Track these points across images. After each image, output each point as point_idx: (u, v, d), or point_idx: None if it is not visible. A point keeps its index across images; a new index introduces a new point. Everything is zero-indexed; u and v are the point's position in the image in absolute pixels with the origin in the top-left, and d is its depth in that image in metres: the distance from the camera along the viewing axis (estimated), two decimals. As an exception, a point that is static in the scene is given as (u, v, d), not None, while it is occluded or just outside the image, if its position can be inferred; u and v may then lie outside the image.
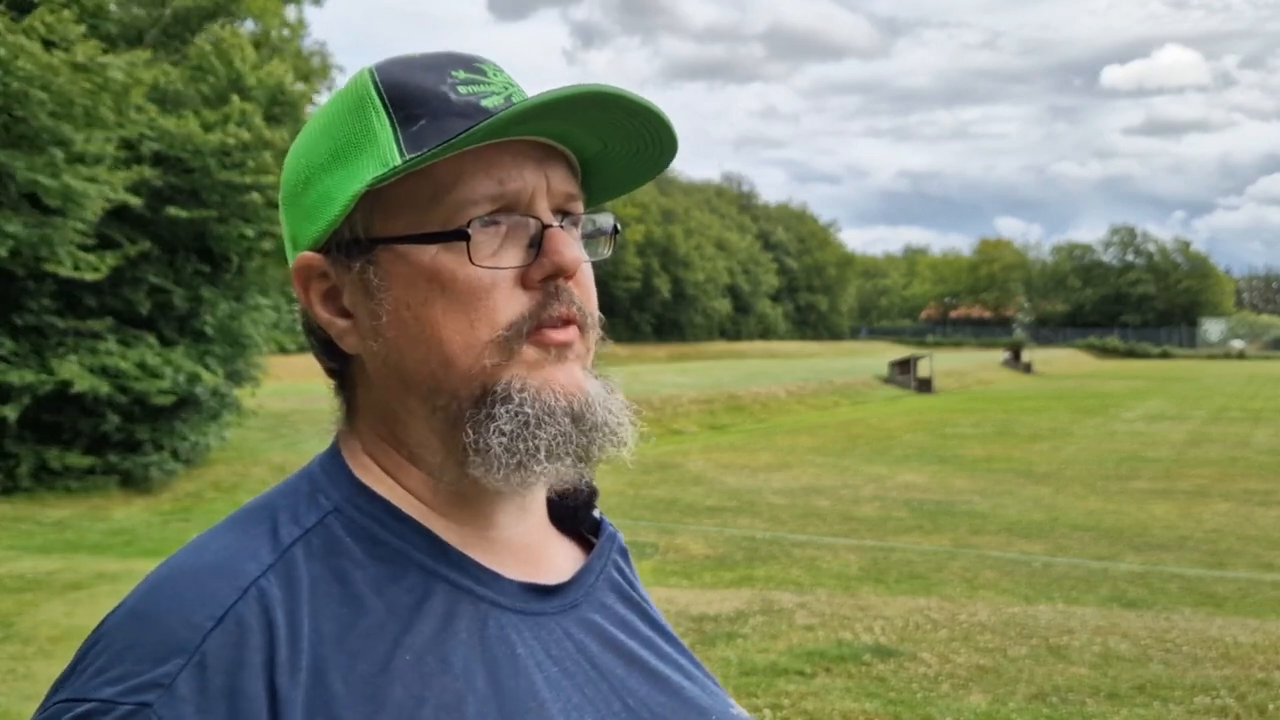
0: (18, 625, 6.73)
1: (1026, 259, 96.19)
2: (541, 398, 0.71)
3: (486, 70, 0.76)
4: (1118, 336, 76.27)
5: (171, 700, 0.61)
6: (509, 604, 0.73)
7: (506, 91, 0.75)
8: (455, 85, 0.73)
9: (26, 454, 13.18)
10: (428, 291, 0.71)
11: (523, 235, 0.73)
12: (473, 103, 0.72)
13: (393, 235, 0.72)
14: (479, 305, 0.71)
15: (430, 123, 0.71)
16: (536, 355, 0.72)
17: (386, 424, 0.76)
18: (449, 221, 0.71)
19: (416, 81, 0.73)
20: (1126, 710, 4.95)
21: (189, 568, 0.68)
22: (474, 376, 0.71)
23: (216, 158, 13.77)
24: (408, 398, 0.74)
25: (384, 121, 0.72)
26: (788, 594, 7.79)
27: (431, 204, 0.71)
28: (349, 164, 0.73)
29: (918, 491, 14.48)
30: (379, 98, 0.73)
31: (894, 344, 67.96)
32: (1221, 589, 8.72)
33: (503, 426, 0.70)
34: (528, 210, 0.73)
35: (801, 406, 28.55)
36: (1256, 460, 17.32)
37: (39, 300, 13.11)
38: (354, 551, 0.71)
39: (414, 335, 0.72)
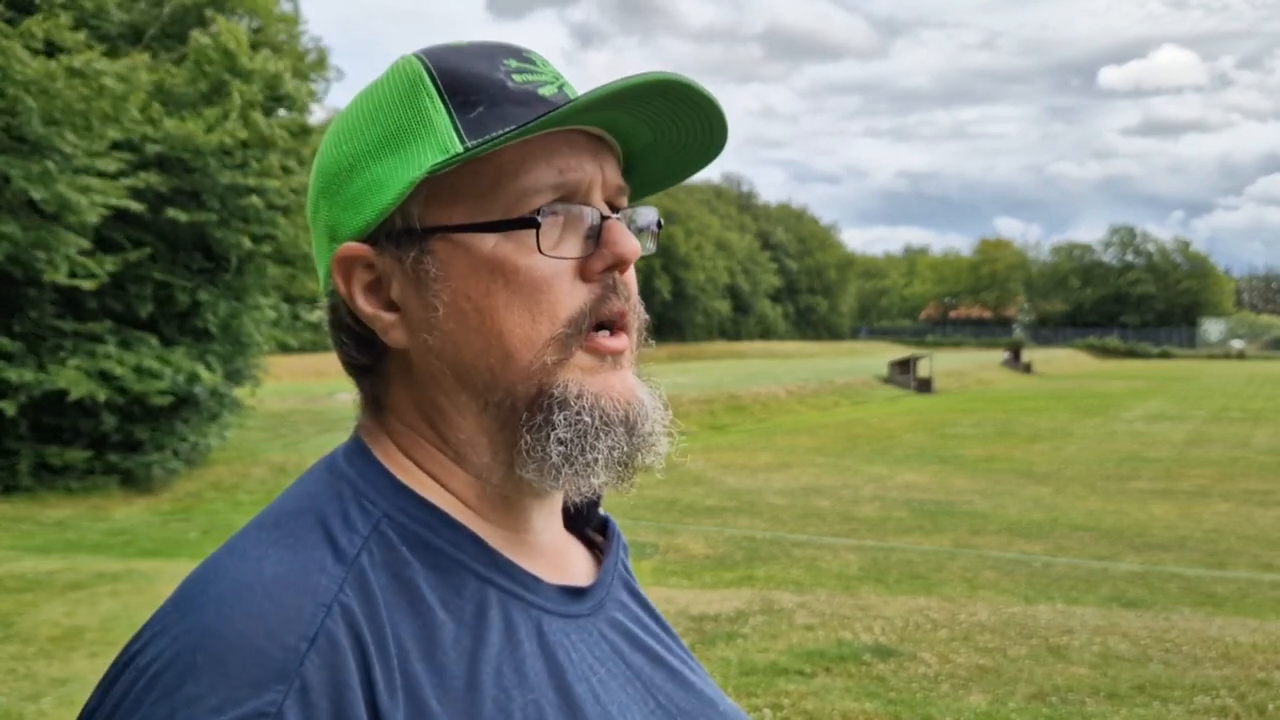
0: (18, 625, 6.73)
1: (1026, 259, 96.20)
2: (600, 405, 0.71)
3: (535, 60, 0.75)
4: (1118, 336, 76.27)
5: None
6: (554, 609, 0.73)
7: (558, 81, 0.74)
8: (510, 73, 0.72)
9: (27, 452, 13.18)
10: (490, 282, 0.70)
11: (581, 226, 0.72)
12: (530, 91, 0.72)
13: (451, 224, 0.70)
14: (541, 297, 0.70)
15: (489, 109, 0.70)
16: (591, 362, 0.71)
17: (431, 422, 0.74)
18: (511, 209, 0.69)
19: (470, 68, 0.72)
20: (1126, 710, 4.95)
21: (256, 582, 0.63)
22: (533, 374, 0.70)
23: (217, 158, 13.75)
24: (460, 393, 0.72)
25: (439, 108, 0.71)
26: (788, 594, 7.79)
27: (493, 192, 0.70)
28: (402, 151, 0.71)
29: (918, 491, 14.48)
30: (433, 83, 0.71)
31: (894, 344, 67.96)
32: (1221, 589, 8.72)
33: (561, 434, 0.69)
34: (585, 200, 0.72)
35: (801, 406, 28.55)
36: (1256, 460, 17.32)
37: (39, 303, 13.11)
38: (412, 560, 0.68)
39: (474, 327, 0.70)
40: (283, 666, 0.59)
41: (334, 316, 0.76)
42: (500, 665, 0.67)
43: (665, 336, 61.01)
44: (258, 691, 0.58)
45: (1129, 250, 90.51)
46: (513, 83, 0.71)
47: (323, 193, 0.75)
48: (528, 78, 0.72)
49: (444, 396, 0.73)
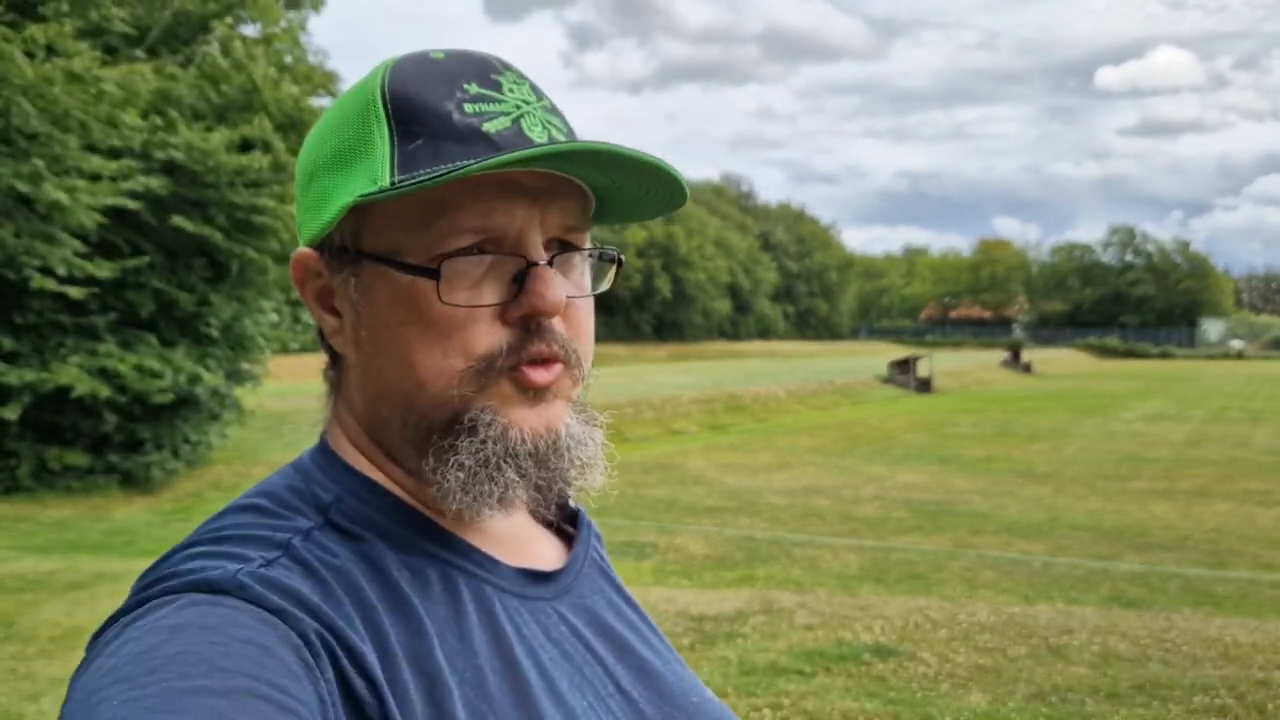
0: (18, 625, 6.73)
1: (1026, 259, 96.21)
2: (507, 437, 0.71)
3: (503, 83, 0.73)
4: (1117, 337, 76.31)
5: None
6: (509, 588, 0.75)
7: (517, 112, 0.72)
8: (462, 102, 0.71)
9: (27, 454, 13.19)
10: (405, 313, 0.71)
11: (506, 271, 0.71)
12: (474, 126, 0.70)
13: (376, 252, 0.72)
14: (454, 335, 0.70)
15: (427, 144, 0.70)
16: (512, 391, 0.72)
17: (370, 422, 0.76)
18: (429, 249, 0.70)
19: (422, 94, 0.71)
20: (1126, 710, 4.95)
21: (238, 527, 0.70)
22: (446, 402, 0.71)
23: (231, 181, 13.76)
24: (382, 407, 0.75)
25: (384, 134, 0.71)
26: (788, 594, 7.79)
27: (416, 228, 0.70)
28: (347, 169, 0.72)
29: (918, 491, 14.48)
30: (383, 106, 0.71)
31: (894, 344, 67.96)
32: (1221, 589, 8.73)
33: (463, 460, 0.71)
34: (515, 246, 0.71)
35: (801, 406, 28.55)
36: (1256, 460, 17.33)
37: (39, 301, 13.11)
38: (366, 536, 0.72)
39: (389, 353, 0.72)
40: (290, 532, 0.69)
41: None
42: (444, 631, 0.69)
43: (665, 336, 61.02)
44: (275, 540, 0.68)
45: (1129, 250, 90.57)
46: (460, 114, 0.70)
47: (299, 189, 0.78)
48: (480, 108, 0.71)
49: (376, 404, 0.75)
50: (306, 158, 0.77)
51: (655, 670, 0.81)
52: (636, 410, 22.89)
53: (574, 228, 0.75)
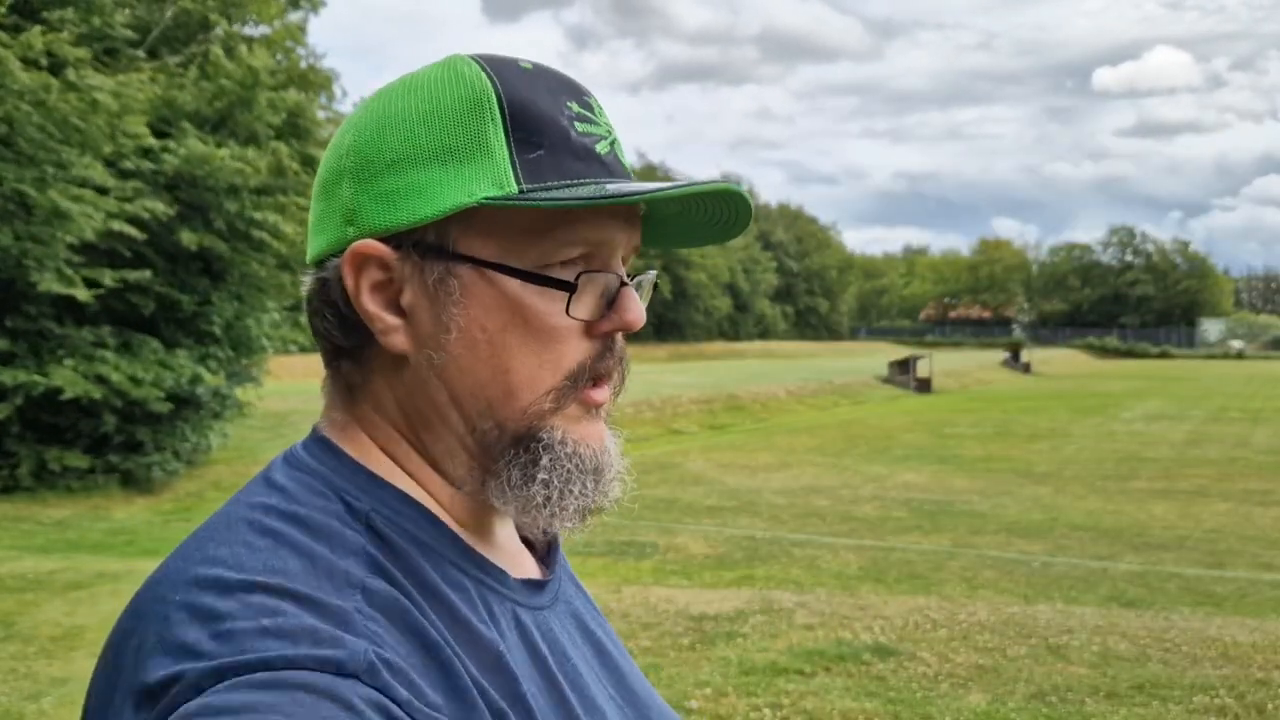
0: (19, 625, 6.73)
1: (1026, 259, 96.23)
2: (580, 453, 0.73)
3: (594, 108, 0.75)
4: (1117, 336, 76.33)
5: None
6: (524, 601, 0.76)
7: (610, 136, 0.75)
8: (573, 120, 0.72)
9: (26, 455, 13.18)
10: (508, 320, 0.71)
11: (600, 288, 0.73)
12: (589, 146, 0.72)
13: (484, 258, 0.70)
14: (552, 348, 0.71)
15: (548, 155, 0.70)
16: (578, 410, 0.73)
17: (411, 425, 0.74)
18: (542, 259, 0.70)
19: (537, 104, 0.71)
20: (1125, 710, 4.96)
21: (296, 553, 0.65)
22: (528, 415, 0.71)
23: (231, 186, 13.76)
24: (451, 411, 0.73)
25: (500, 139, 0.70)
26: (787, 593, 7.80)
27: (525, 237, 0.70)
28: (454, 168, 0.70)
29: (917, 491, 14.49)
30: (500, 110, 0.70)
31: (893, 344, 67.97)
32: (1220, 589, 8.73)
33: (544, 476, 0.72)
34: (608, 265, 0.74)
35: (801, 406, 28.56)
36: (1256, 460, 17.33)
37: (37, 306, 13.11)
38: (410, 554, 0.70)
39: (482, 357, 0.71)
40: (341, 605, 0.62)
41: (322, 291, 0.74)
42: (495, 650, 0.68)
43: (665, 336, 61.00)
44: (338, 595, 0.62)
45: (1128, 250, 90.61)
46: (575, 132, 0.71)
47: (352, 173, 0.73)
48: (588, 129, 0.72)
49: (432, 408, 0.73)
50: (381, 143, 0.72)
51: (626, 673, 0.83)
52: (636, 410, 22.90)
53: (638, 248, 0.78)
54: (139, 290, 13.81)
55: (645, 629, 6.39)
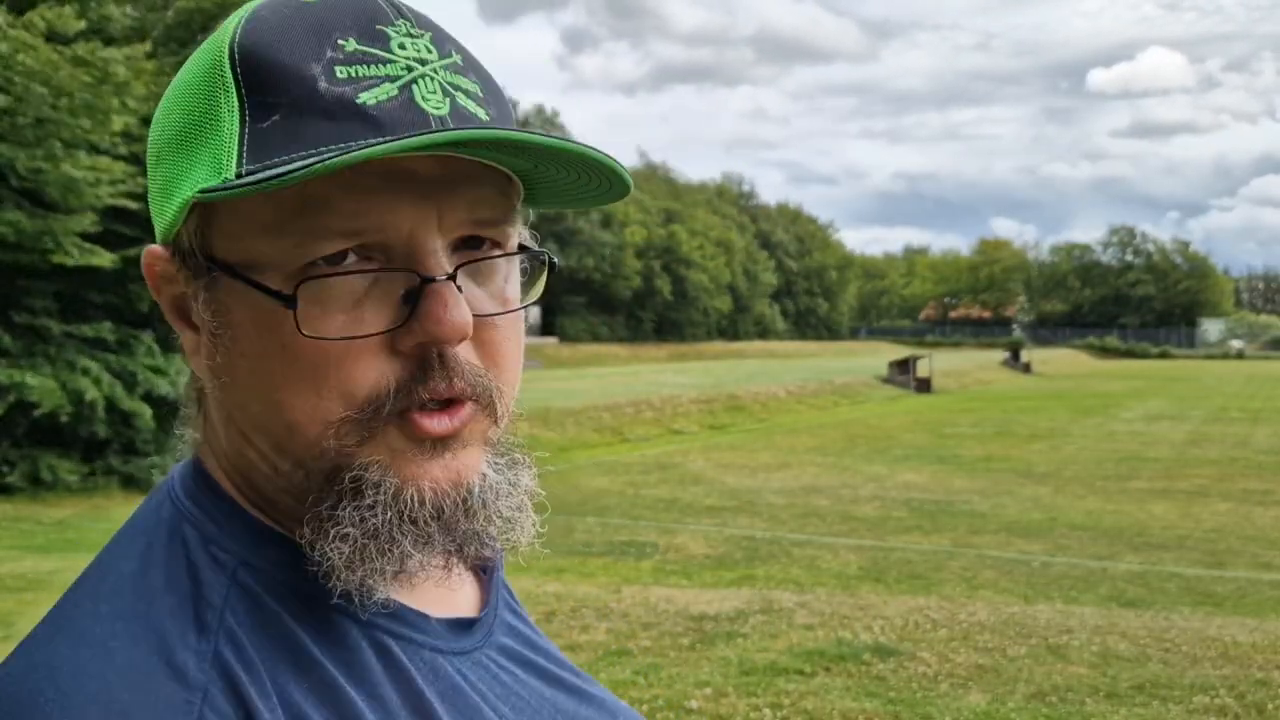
0: (19, 625, 6.73)
1: (1026, 259, 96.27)
2: (401, 498, 0.56)
3: (392, 37, 0.57)
4: (1117, 336, 76.35)
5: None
6: (445, 647, 0.63)
7: (408, 75, 0.56)
8: (334, 63, 0.55)
9: (23, 461, 13.16)
10: (267, 345, 0.56)
11: (394, 287, 0.56)
12: (346, 97, 0.54)
13: (228, 262, 0.56)
14: (327, 375, 0.55)
15: (285, 120, 0.54)
16: (404, 442, 0.57)
17: (235, 464, 0.61)
18: (292, 259, 0.54)
19: (280, 54, 0.55)
20: (1125, 709, 4.96)
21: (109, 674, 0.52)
22: (324, 452, 0.56)
23: None
24: (247, 449, 0.60)
25: (232, 107, 0.55)
26: (787, 593, 7.80)
27: (274, 232, 0.55)
28: (191, 152, 0.57)
29: (917, 491, 14.49)
30: (231, 70, 0.55)
31: (893, 344, 67.98)
32: (1220, 588, 8.73)
33: (346, 530, 0.56)
34: (404, 256, 0.56)
35: (801, 406, 28.56)
36: (1256, 460, 17.33)
37: (39, 300, 13.15)
38: (281, 612, 0.58)
39: (251, 389, 0.57)
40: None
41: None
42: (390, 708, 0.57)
43: (665, 336, 61.01)
44: None
45: (1128, 251, 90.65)
46: (329, 80, 0.54)
47: (148, 168, 0.63)
48: (356, 71, 0.55)
49: (244, 445, 0.60)
50: (153, 133, 0.61)
51: (586, 694, 0.72)
52: (636, 410, 22.90)
53: (490, 221, 0.59)
54: (138, 280, 13.84)
55: (645, 629, 6.39)
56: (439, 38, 0.59)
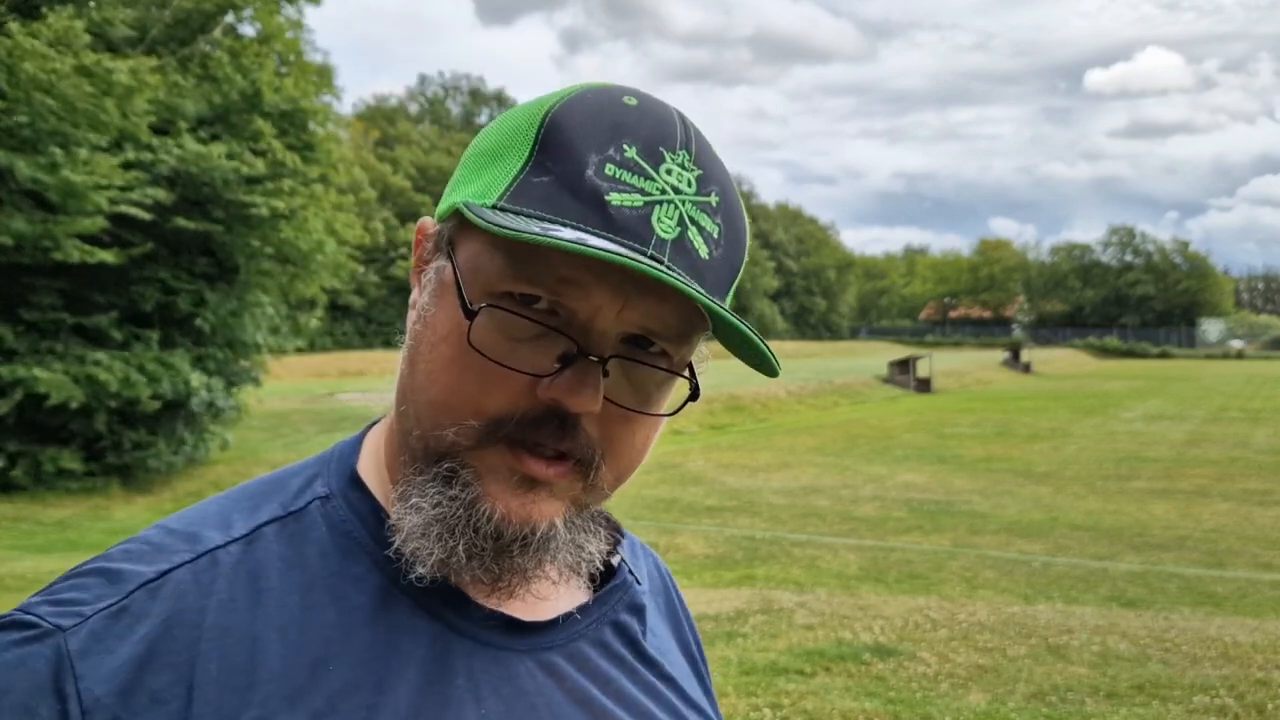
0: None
1: (1026, 259, 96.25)
2: (475, 507, 0.65)
3: (667, 159, 0.66)
4: (1117, 336, 76.30)
5: (83, 632, 0.63)
6: (467, 630, 0.70)
7: (659, 196, 0.65)
8: (605, 161, 0.65)
9: (22, 456, 13.18)
10: (447, 333, 0.66)
11: (558, 345, 0.65)
12: (599, 191, 0.64)
13: (458, 261, 0.67)
14: (472, 383, 0.65)
15: (550, 185, 0.64)
16: (501, 466, 0.66)
17: (396, 416, 0.72)
18: (495, 284, 0.65)
19: (575, 135, 0.65)
20: (1125, 709, 4.95)
21: (172, 527, 0.71)
22: (442, 439, 0.66)
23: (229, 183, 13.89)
24: (403, 403, 0.70)
25: (521, 155, 0.66)
26: (787, 593, 7.80)
27: (498, 257, 0.65)
28: (481, 169, 0.69)
29: (917, 491, 14.49)
30: (538, 128, 0.67)
31: (893, 344, 67.98)
32: (1220, 589, 8.73)
33: (423, 505, 0.66)
34: (580, 329, 0.64)
35: (801, 406, 28.55)
36: (1256, 460, 17.33)
37: (45, 296, 13.19)
38: (325, 542, 0.70)
39: (423, 360, 0.68)
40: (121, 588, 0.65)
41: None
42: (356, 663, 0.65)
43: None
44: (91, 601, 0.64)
45: (1128, 250, 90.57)
46: (596, 173, 0.64)
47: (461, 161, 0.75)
48: (621, 175, 0.64)
49: (404, 400, 0.70)
50: (472, 142, 0.74)
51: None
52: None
53: (658, 334, 0.66)
54: (141, 281, 13.90)
55: (645, 629, 6.39)
56: (707, 177, 0.68)
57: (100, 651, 0.62)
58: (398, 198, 47.75)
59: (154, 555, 0.67)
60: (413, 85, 79.66)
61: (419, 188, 49.81)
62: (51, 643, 0.62)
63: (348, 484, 0.73)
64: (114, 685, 0.62)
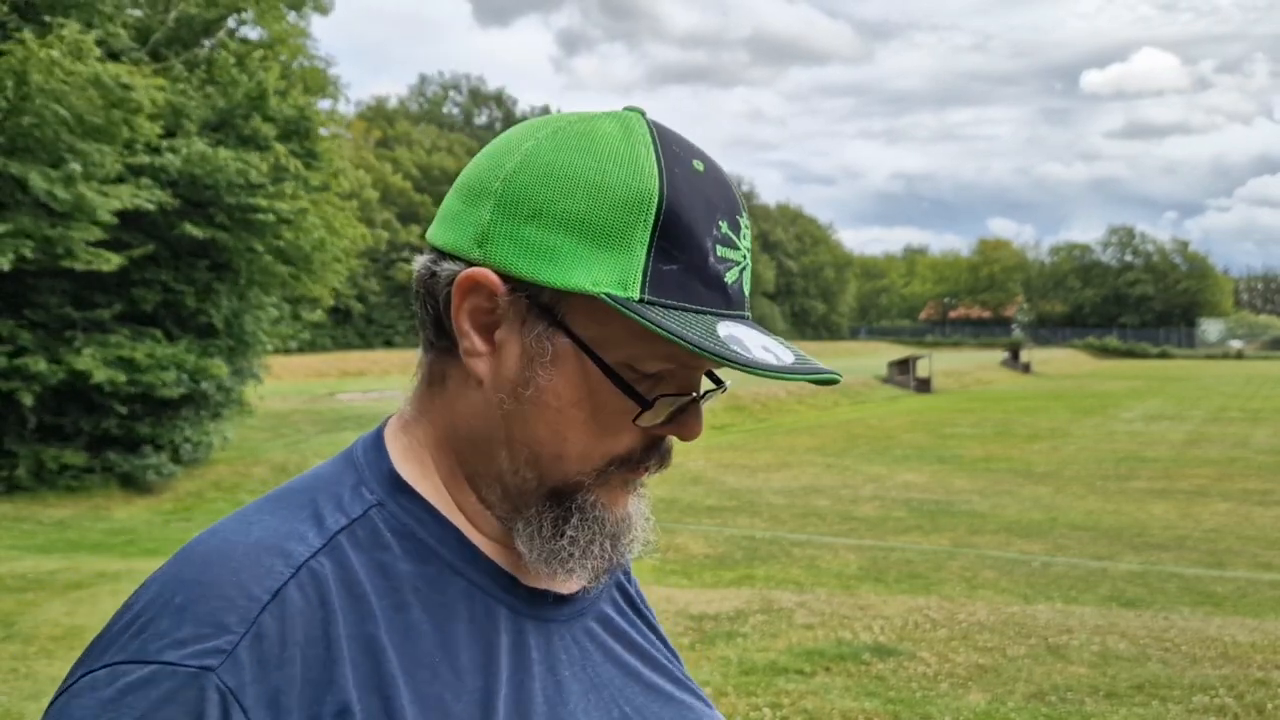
0: (19, 625, 6.74)
1: (1025, 259, 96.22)
2: (604, 517, 0.77)
3: (741, 228, 0.75)
4: (1116, 336, 76.25)
5: (234, 667, 0.64)
6: (526, 610, 0.78)
7: (744, 263, 0.75)
8: (716, 242, 0.72)
9: (26, 453, 13.19)
10: (581, 398, 0.73)
11: (673, 403, 0.75)
12: (720, 274, 0.72)
13: (583, 339, 0.72)
14: (611, 436, 0.74)
15: (680, 274, 0.70)
16: (619, 485, 0.77)
17: (466, 447, 0.77)
18: (628, 359, 0.72)
19: (691, 219, 0.70)
20: (1125, 709, 4.96)
21: (240, 542, 0.70)
22: (573, 483, 0.75)
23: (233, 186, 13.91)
24: (501, 450, 0.76)
25: (645, 241, 0.70)
26: (787, 593, 7.80)
27: (625, 335, 0.71)
28: (594, 251, 0.70)
29: (917, 491, 14.49)
30: (656, 214, 0.70)
31: (893, 344, 67.95)
32: (1220, 588, 8.73)
33: (574, 534, 0.75)
34: (687, 384, 0.76)
35: (801, 406, 28.55)
36: (1255, 460, 17.34)
37: (52, 296, 13.23)
38: (393, 547, 0.74)
39: (547, 420, 0.73)
40: (243, 612, 0.65)
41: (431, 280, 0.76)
42: (459, 651, 0.72)
43: (665, 336, 61.01)
44: (218, 632, 0.64)
45: (1127, 250, 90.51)
46: (714, 256, 0.72)
47: (499, 201, 0.72)
48: (726, 254, 0.73)
49: (486, 439, 0.76)
50: (534, 191, 0.71)
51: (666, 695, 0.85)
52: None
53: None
54: (144, 284, 13.92)
55: (645, 629, 6.40)
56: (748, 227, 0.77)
57: (255, 682, 0.64)
58: (398, 198, 47.70)
59: (254, 574, 0.68)
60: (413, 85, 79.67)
61: (420, 188, 49.76)
62: (209, 683, 0.63)
63: (394, 489, 0.76)
64: (277, 712, 0.64)
